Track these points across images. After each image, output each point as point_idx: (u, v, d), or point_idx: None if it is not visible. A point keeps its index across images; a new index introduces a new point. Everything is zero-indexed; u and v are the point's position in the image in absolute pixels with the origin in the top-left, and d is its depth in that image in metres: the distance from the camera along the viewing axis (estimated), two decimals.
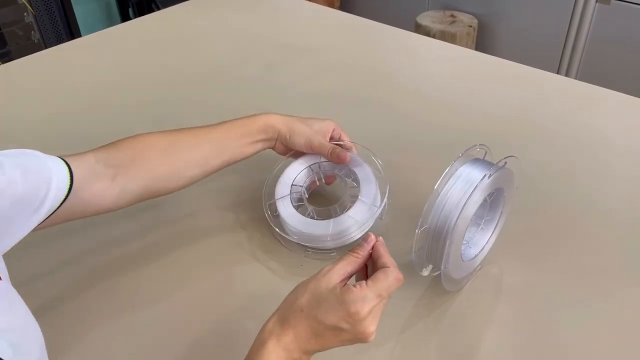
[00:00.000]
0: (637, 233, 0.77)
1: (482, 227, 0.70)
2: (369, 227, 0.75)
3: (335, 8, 2.97)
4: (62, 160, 0.61)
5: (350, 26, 1.44)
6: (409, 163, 0.92)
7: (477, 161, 0.64)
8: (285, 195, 0.76)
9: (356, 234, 0.73)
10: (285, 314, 0.50)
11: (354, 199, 0.74)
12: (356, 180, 0.76)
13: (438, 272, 0.64)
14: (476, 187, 0.59)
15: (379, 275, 0.50)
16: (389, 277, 0.50)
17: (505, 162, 0.63)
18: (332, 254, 0.73)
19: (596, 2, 2.23)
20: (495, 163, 0.63)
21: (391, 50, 1.33)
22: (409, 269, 0.71)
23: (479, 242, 0.70)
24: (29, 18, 2.29)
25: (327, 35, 1.39)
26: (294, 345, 0.49)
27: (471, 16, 2.61)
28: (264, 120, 0.75)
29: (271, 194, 0.77)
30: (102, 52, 1.34)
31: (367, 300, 0.48)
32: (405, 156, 0.94)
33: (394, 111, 1.07)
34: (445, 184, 0.62)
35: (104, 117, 1.07)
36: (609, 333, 0.63)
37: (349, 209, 0.73)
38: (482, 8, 2.60)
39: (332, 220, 0.73)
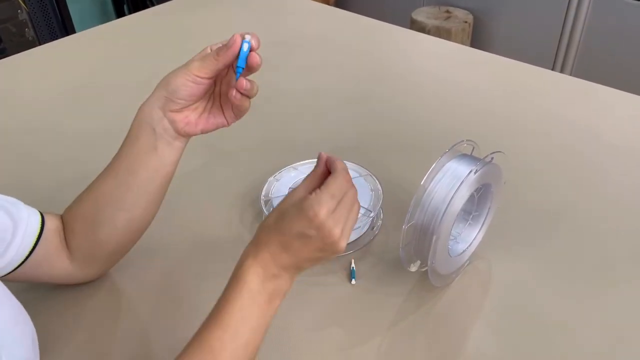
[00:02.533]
0: (627, 228, 0.77)
1: (470, 223, 0.71)
2: (363, 231, 0.76)
3: (331, 5, 2.96)
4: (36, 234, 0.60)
5: (345, 23, 1.44)
6: (400, 159, 0.92)
7: (464, 157, 0.64)
8: (282, 195, 0.77)
9: (351, 236, 0.74)
10: (257, 236, 0.53)
11: None
12: None
13: (426, 268, 0.65)
14: (462, 182, 0.59)
15: (329, 179, 0.52)
16: (338, 178, 0.52)
17: (492, 158, 0.63)
18: None
19: None
20: (482, 158, 0.63)
21: (386, 47, 1.33)
22: (398, 265, 0.71)
23: (466, 238, 0.70)
24: (23, 15, 2.28)
25: (322, 32, 1.38)
26: (270, 262, 0.51)
27: (466, 12, 2.60)
28: (136, 121, 0.62)
29: (269, 193, 0.79)
30: (97, 49, 1.34)
31: (322, 202, 0.50)
32: (396, 152, 0.94)
33: (388, 107, 1.08)
34: (431, 180, 0.62)
35: (98, 114, 1.07)
36: (598, 327, 0.64)
37: None
38: (477, 3, 2.60)
39: None
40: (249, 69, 0.59)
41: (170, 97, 0.58)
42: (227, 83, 0.62)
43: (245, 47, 0.57)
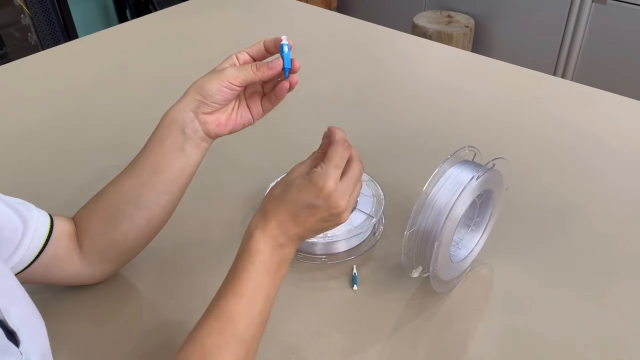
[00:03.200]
0: (629, 233, 0.77)
1: (471, 229, 0.71)
2: (365, 237, 0.76)
3: (333, 9, 2.97)
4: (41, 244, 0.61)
5: (346, 28, 1.45)
6: (402, 164, 0.92)
7: (466, 163, 0.64)
8: None
9: (352, 241, 0.75)
10: (264, 207, 0.56)
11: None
12: None
13: (428, 274, 0.65)
14: (464, 188, 0.59)
15: (329, 151, 0.56)
16: (338, 148, 0.56)
17: (494, 164, 0.63)
18: (323, 258, 0.74)
19: (592, 2, 2.24)
20: (484, 164, 0.63)
21: (387, 52, 1.33)
22: (400, 270, 0.71)
23: (468, 244, 0.70)
24: (26, 20, 2.29)
25: (323, 37, 1.39)
26: (277, 231, 0.54)
27: (468, 16, 2.61)
28: (164, 123, 0.63)
29: None
30: (100, 54, 1.34)
31: (329, 174, 0.54)
32: (398, 158, 0.94)
33: (389, 113, 1.08)
34: (433, 186, 0.62)
35: (101, 119, 1.07)
36: (600, 333, 0.64)
37: None
38: (479, 8, 2.61)
39: None
40: (292, 70, 0.63)
41: (204, 101, 0.61)
42: (253, 85, 0.65)
43: (286, 49, 0.62)
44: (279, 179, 0.61)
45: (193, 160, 0.64)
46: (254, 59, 0.64)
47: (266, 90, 0.66)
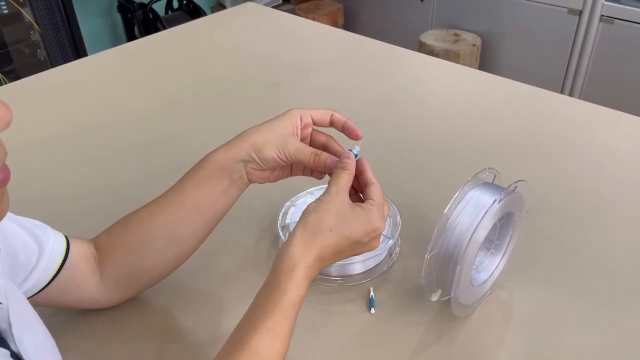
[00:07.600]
0: None
1: (491, 252, 0.69)
2: (381, 258, 0.75)
3: (339, 27, 2.99)
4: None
5: (353, 45, 1.45)
6: (417, 186, 0.91)
7: (487, 185, 0.63)
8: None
9: (369, 263, 0.74)
10: (312, 235, 0.54)
11: None
12: None
13: (447, 297, 0.63)
14: (487, 211, 0.58)
15: (376, 192, 0.59)
16: (381, 193, 0.60)
17: (516, 187, 0.62)
18: (339, 280, 0.73)
19: (600, 21, 2.24)
20: (505, 187, 0.62)
21: (395, 69, 1.33)
22: (418, 293, 0.70)
23: (488, 267, 0.69)
24: (36, 36, 2.31)
25: (330, 55, 1.39)
26: (316, 264, 0.54)
27: (475, 35, 2.62)
28: (216, 163, 0.63)
29: (286, 218, 0.79)
30: (108, 71, 1.34)
31: (384, 217, 0.58)
32: (412, 179, 0.93)
33: (399, 132, 1.07)
34: (454, 209, 0.61)
35: (110, 136, 1.07)
36: (628, 357, 0.62)
37: None
38: (486, 27, 2.62)
39: None
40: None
41: (259, 162, 0.63)
42: None
43: (353, 157, 0.63)
44: (312, 201, 0.58)
45: (233, 200, 0.66)
46: (314, 122, 0.66)
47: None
